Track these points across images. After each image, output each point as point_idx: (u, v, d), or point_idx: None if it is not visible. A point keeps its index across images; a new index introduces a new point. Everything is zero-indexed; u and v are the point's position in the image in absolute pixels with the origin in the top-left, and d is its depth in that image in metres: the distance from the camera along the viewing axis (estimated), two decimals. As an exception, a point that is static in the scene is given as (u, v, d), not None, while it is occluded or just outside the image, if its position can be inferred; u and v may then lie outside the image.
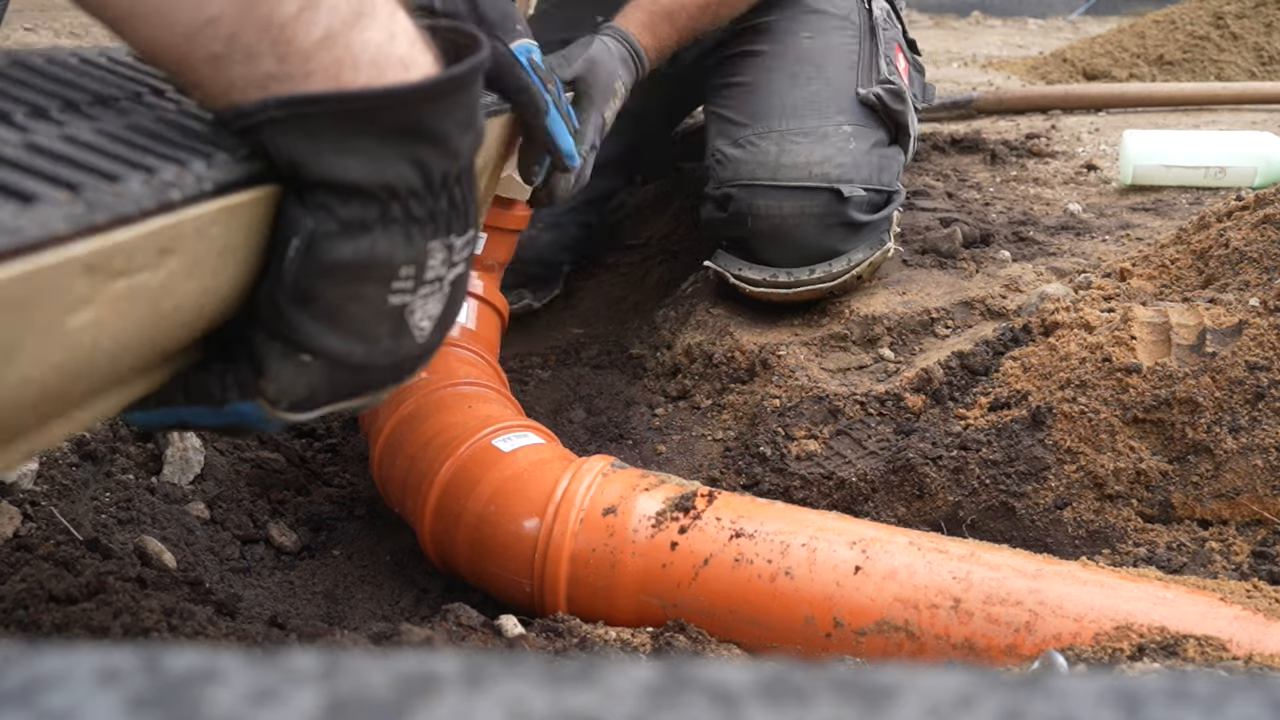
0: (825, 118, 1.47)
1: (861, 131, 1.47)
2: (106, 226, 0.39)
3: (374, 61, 0.52)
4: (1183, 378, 1.07)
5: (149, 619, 0.80)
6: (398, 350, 0.58)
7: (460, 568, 1.03)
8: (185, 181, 0.45)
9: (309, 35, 0.50)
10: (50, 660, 0.23)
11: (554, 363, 1.55)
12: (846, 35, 1.55)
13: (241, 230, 0.50)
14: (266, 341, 0.54)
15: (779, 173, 1.42)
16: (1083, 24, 5.92)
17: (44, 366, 0.38)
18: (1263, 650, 0.78)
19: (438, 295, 0.59)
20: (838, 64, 1.52)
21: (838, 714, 0.22)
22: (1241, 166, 1.90)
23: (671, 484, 0.98)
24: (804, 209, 1.41)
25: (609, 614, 0.93)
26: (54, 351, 0.38)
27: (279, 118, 0.50)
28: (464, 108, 0.55)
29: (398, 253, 0.54)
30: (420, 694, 0.22)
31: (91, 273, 0.38)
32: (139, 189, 0.42)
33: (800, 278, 1.42)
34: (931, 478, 1.14)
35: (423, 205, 0.55)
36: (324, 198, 0.52)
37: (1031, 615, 0.82)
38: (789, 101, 1.48)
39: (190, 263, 0.45)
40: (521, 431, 1.08)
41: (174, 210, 0.43)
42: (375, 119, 0.52)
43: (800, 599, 0.88)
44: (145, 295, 0.42)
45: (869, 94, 1.49)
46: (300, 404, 0.56)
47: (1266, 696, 0.22)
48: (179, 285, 0.45)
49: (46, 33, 2.73)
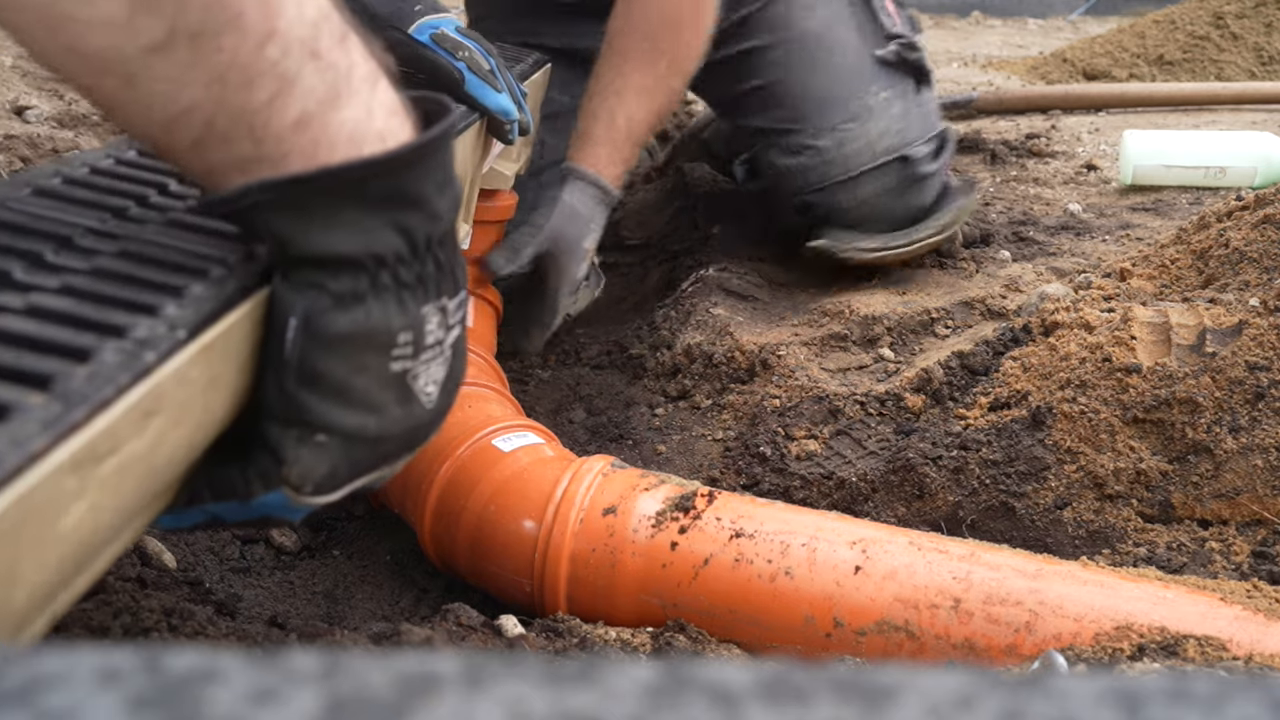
0: (860, 93, 1.50)
1: (895, 90, 1.52)
2: (85, 420, 0.37)
3: (351, 138, 0.52)
4: (1183, 378, 1.07)
5: (149, 619, 0.80)
6: (408, 418, 0.58)
7: (460, 568, 1.03)
8: (158, 334, 0.43)
9: (283, 119, 0.50)
10: (50, 660, 0.23)
11: (554, 363, 1.55)
12: (837, 3, 1.55)
13: (222, 357, 0.50)
14: (281, 430, 0.54)
15: (848, 164, 1.49)
16: (1083, 24, 5.92)
17: (46, 570, 0.37)
18: (1263, 650, 0.78)
19: (439, 360, 0.59)
20: (845, 35, 1.53)
21: (838, 714, 0.22)
22: (1241, 166, 1.90)
23: (671, 484, 0.98)
24: (881, 186, 1.51)
25: (609, 614, 0.93)
26: (53, 553, 0.37)
27: (263, 200, 0.51)
28: (440, 169, 0.56)
29: (393, 320, 0.55)
30: (420, 694, 0.22)
31: (78, 469, 0.37)
32: (112, 361, 0.40)
33: (915, 237, 1.51)
34: (931, 478, 1.14)
35: (410, 270, 0.55)
36: (312, 275, 0.53)
37: (1031, 615, 0.82)
38: (820, 92, 1.51)
39: (176, 413, 0.44)
40: (521, 431, 1.08)
41: (151, 374, 0.42)
42: (360, 190, 0.52)
43: (800, 599, 0.88)
44: (135, 463, 0.42)
45: (886, 54, 1.53)
46: (323, 485, 0.56)
47: (1266, 696, 0.22)
48: (168, 436, 0.44)
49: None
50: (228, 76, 0.48)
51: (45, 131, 1.95)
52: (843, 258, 1.51)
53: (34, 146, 1.84)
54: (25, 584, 0.36)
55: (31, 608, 0.38)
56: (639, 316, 1.64)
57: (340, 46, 0.53)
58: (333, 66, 0.52)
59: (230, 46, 0.48)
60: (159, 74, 0.48)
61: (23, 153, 1.80)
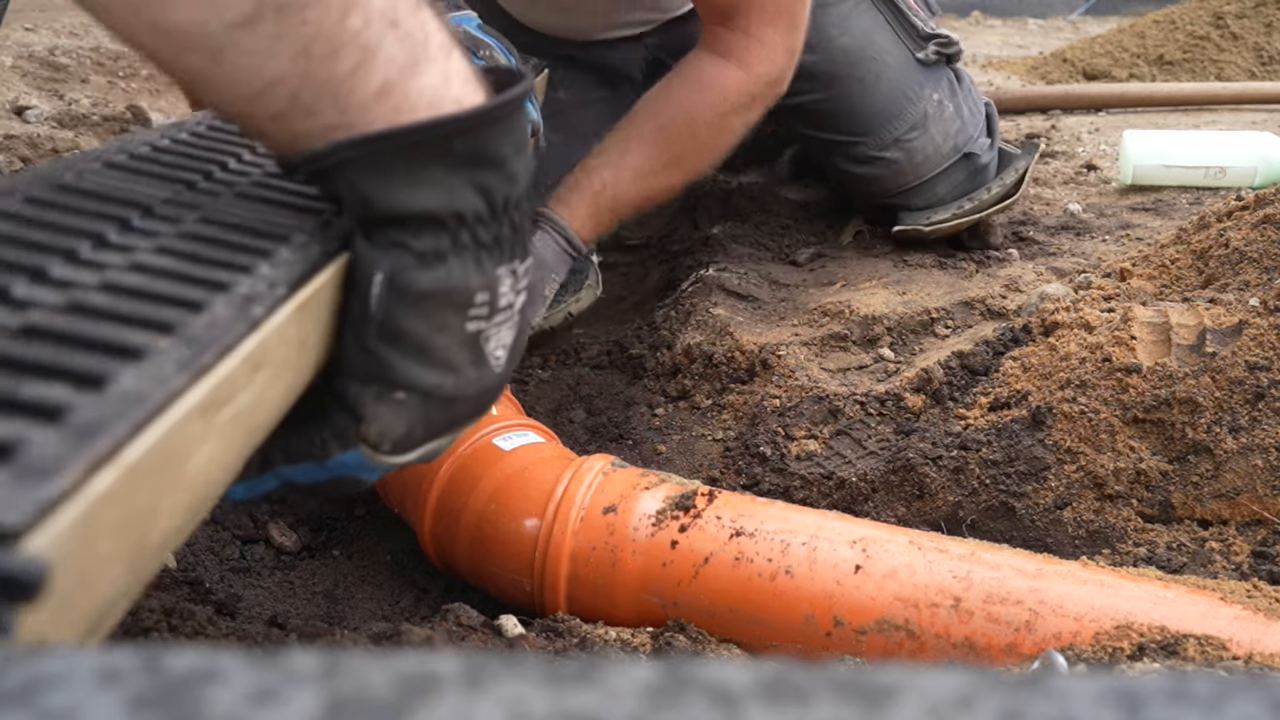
0: (915, 100, 1.55)
1: (942, 89, 1.58)
2: (212, 363, 0.39)
3: (430, 104, 0.53)
4: (1183, 378, 1.07)
5: (149, 619, 0.80)
6: (480, 380, 0.59)
7: (460, 567, 1.03)
8: (260, 291, 0.45)
9: (367, 88, 0.51)
10: (50, 660, 0.23)
11: (554, 363, 1.55)
12: (868, 12, 1.58)
13: (312, 318, 0.51)
14: (360, 387, 0.55)
15: (919, 171, 1.57)
16: (1083, 24, 5.91)
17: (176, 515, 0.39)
18: (1263, 650, 0.78)
19: (510, 323, 0.60)
20: (886, 47, 1.57)
21: (838, 714, 0.22)
22: (1241, 166, 1.90)
23: (672, 483, 0.98)
24: (953, 183, 1.60)
25: (609, 612, 0.93)
26: (181, 497, 0.39)
27: (351, 157, 0.52)
28: (517, 131, 0.57)
29: (472, 279, 0.56)
30: (420, 694, 0.22)
31: (205, 413, 0.39)
32: (225, 313, 0.42)
33: (982, 199, 1.59)
34: (931, 478, 1.14)
35: (488, 231, 0.56)
36: (395, 233, 0.54)
37: (1032, 614, 0.82)
38: (877, 108, 1.56)
39: (276, 368, 0.46)
40: (522, 430, 1.08)
41: (260, 327, 0.44)
42: (444, 147, 0.53)
43: (801, 598, 0.88)
44: (244, 415, 0.43)
45: (927, 55, 1.57)
46: (400, 444, 0.57)
47: (1266, 696, 0.22)
48: (268, 393, 0.46)
49: (46, 33, 2.73)
50: (312, 49, 0.49)
51: (45, 131, 1.95)
52: (928, 232, 1.60)
53: (34, 146, 1.84)
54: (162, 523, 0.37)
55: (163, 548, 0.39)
56: (639, 316, 1.64)
57: (416, 16, 0.54)
58: (410, 35, 0.53)
59: (314, 19, 0.49)
60: (245, 48, 0.48)
61: (23, 153, 1.80)
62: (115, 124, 2.10)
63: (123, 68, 2.59)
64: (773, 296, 1.56)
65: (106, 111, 2.16)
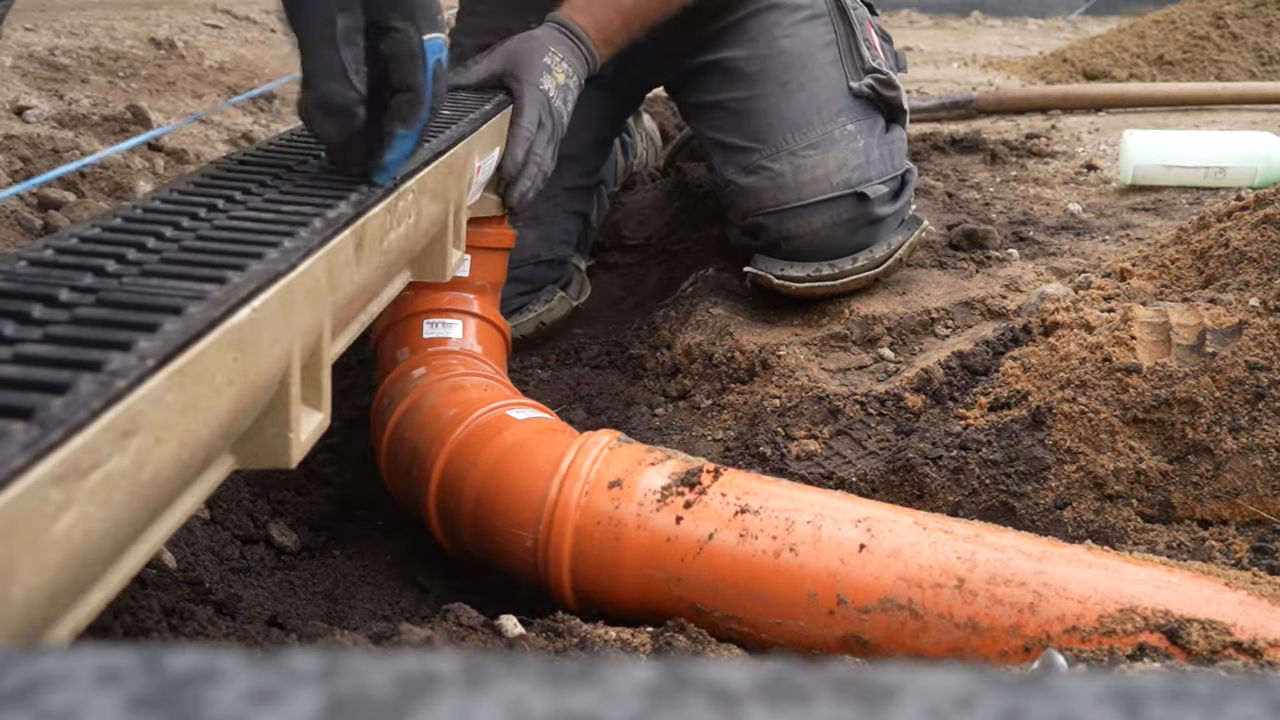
0: (827, 122, 1.46)
1: (863, 125, 1.48)
2: (62, 440, 0.42)
3: None
4: (1183, 378, 1.07)
5: (149, 619, 0.80)
6: None
7: (463, 537, 1.03)
8: (128, 366, 0.48)
9: None
10: (50, 660, 0.23)
11: (554, 363, 1.55)
12: (821, 27, 1.52)
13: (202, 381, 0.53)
14: None
15: (801, 191, 1.45)
16: (1083, 24, 5.92)
17: (46, 572, 0.42)
18: (1267, 635, 0.78)
19: None
20: (823, 63, 1.49)
21: (838, 714, 0.22)
22: (1241, 166, 1.90)
23: (677, 459, 0.98)
24: (833, 219, 1.46)
25: (612, 587, 0.93)
26: (49, 556, 0.42)
27: None
28: None
29: None
30: (420, 694, 0.22)
31: (61, 482, 0.42)
32: (87, 390, 0.45)
33: (844, 268, 1.46)
34: (931, 478, 1.14)
35: None
36: None
37: (1035, 596, 0.82)
38: (787, 115, 1.47)
39: (157, 431, 0.49)
40: (532, 409, 1.10)
41: (123, 399, 0.46)
42: None
43: (804, 575, 0.87)
44: (122, 475, 0.46)
45: (861, 87, 1.49)
46: None
47: (1266, 696, 0.22)
48: (156, 451, 0.49)
49: (46, 33, 2.72)
50: None
51: (45, 131, 1.95)
52: (777, 285, 1.47)
53: (34, 146, 1.84)
54: (23, 582, 0.40)
55: (34, 608, 0.41)
56: (639, 316, 1.64)
57: None
58: None
59: None
60: None
61: (23, 153, 1.80)
62: (115, 124, 2.10)
63: (123, 68, 2.59)
64: (773, 296, 1.56)
65: (106, 111, 2.16)
